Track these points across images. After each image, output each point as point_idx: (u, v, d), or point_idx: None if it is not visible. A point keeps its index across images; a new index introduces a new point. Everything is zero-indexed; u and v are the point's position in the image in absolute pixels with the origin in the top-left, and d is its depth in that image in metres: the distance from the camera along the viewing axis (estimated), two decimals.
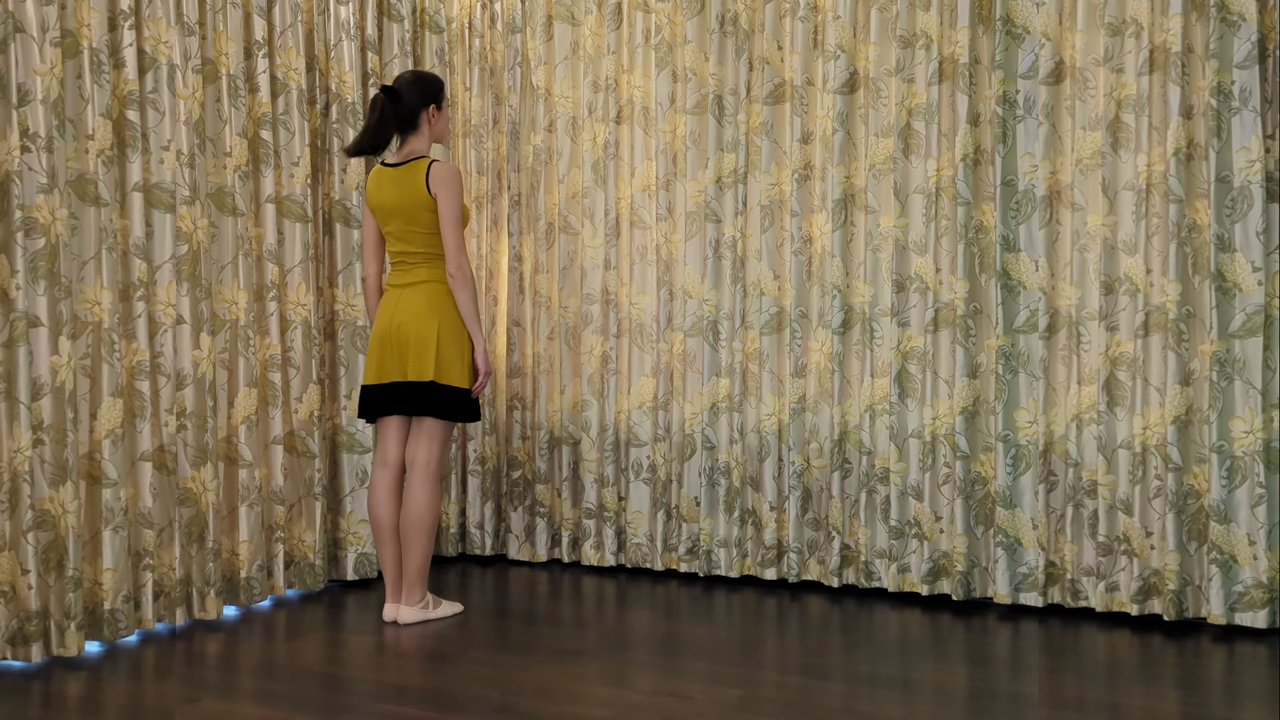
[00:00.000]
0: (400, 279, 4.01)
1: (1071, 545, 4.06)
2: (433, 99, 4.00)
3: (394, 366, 3.96)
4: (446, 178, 3.90)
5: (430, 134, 4.03)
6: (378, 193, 4.00)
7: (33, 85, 3.47)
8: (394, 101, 3.93)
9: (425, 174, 3.90)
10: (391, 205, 3.96)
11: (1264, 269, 3.78)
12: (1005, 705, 3.14)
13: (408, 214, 3.93)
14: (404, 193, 3.93)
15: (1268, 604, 3.77)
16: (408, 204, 3.92)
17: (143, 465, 3.80)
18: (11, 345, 3.46)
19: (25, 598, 3.47)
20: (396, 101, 3.93)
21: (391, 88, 3.95)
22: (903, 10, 4.23)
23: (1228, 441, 3.81)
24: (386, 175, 3.99)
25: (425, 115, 3.99)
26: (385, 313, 3.99)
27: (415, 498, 3.97)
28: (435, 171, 3.90)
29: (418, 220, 3.93)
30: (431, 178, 3.90)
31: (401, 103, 3.94)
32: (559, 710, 3.12)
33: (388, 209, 3.98)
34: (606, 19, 4.72)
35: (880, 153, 4.31)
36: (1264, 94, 3.78)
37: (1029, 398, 4.10)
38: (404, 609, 4.01)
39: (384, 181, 3.99)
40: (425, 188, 3.90)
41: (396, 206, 3.95)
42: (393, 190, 3.95)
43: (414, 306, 3.93)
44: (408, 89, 3.97)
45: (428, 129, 4.01)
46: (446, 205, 3.89)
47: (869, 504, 4.34)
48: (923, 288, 4.24)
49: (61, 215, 3.55)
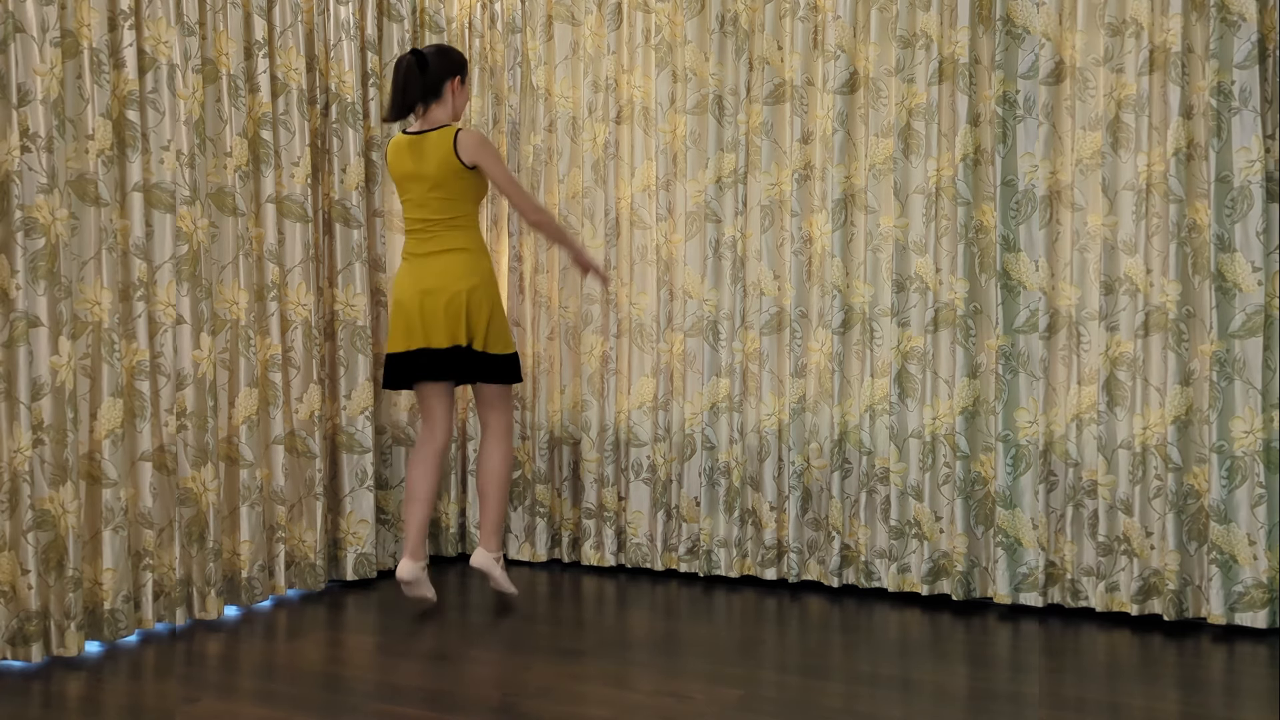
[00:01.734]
0: (421, 247, 4.04)
1: (1071, 545, 4.06)
2: (458, 71, 4.05)
3: (432, 333, 3.99)
4: (480, 143, 3.96)
5: (453, 106, 4.06)
6: (400, 161, 4.04)
7: (33, 85, 3.47)
8: (421, 68, 3.97)
9: (453, 141, 3.94)
10: (414, 172, 3.99)
11: (1264, 269, 3.78)
12: (1005, 705, 3.14)
13: (434, 180, 3.97)
14: (429, 159, 3.96)
15: (1268, 604, 3.77)
16: (433, 171, 3.96)
17: (143, 465, 3.80)
18: (11, 345, 3.46)
19: (25, 598, 3.47)
20: (423, 68, 3.97)
21: (419, 51, 3.98)
22: (903, 10, 4.23)
23: (1228, 441, 3.81)
24: (409, 143, 4.02)
25: (450, 86, 4.03)
26: (408, 280, 4.03)
27: (494, 456, 4.14)
28: (466, 140, 3.95)
29: (444, 186, 3.97)
30: (462, 146, 3.94)
31: (428, 70, 3.98)
32: (559, 710, 3.12)
33: (409, 175, 4.01)
34: (606, 19, 4.72)
35: (880, 153, 4.31)
36: (1264, 94, 3.78)
37: (1029, 398, 4.10)
38: (480, 553, 4.15)
39: (407, 149, 4.02)
40: (455, 154, 3.94)
41: (419, 173, 3.98)
42: (416, 157, 3.99)
43: (447, 273, 3.98)
44: (434, 57, 4.01)
45: (450, 101, 4.04)
46: (494, 168, 3.97)
47: (869, 504, 4.34)
48: (923, 288, 4.24)
49: (61, 215, 3.55)
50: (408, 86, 3.98)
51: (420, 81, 3.98)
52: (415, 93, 3.99)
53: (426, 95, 4.02)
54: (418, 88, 3.99)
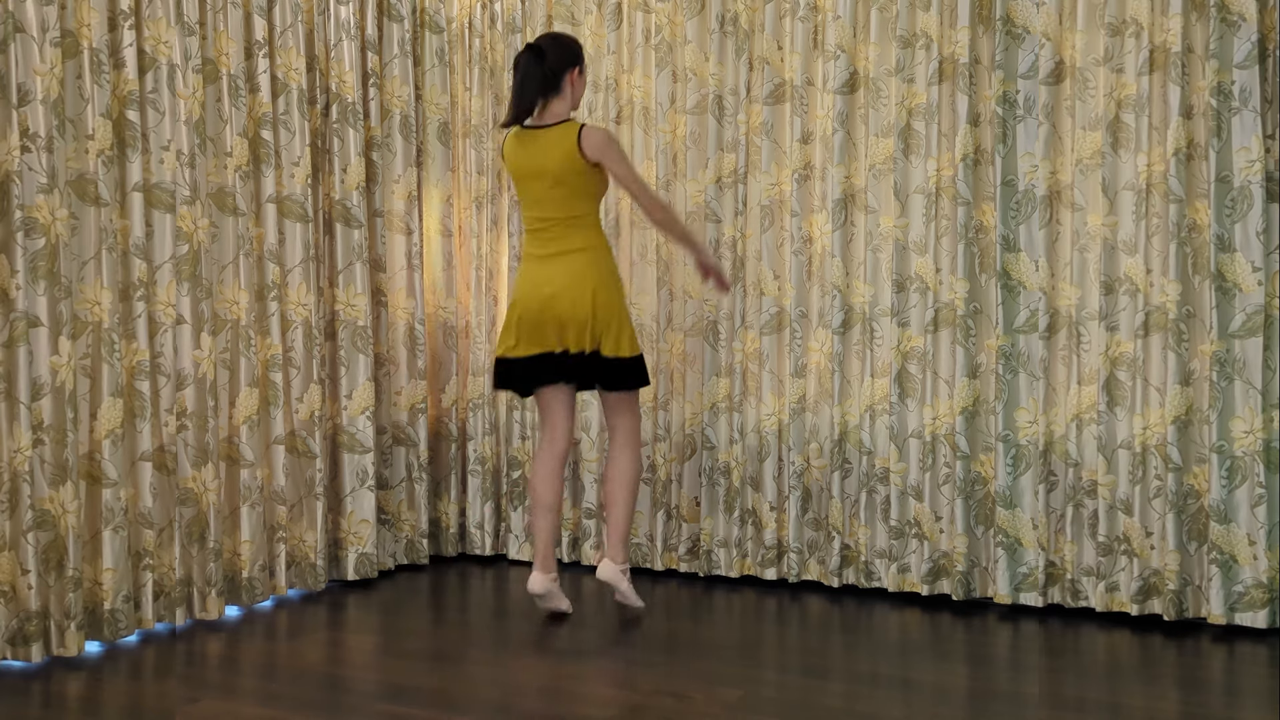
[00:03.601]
0: (542, 248, 3.92)
1: (1071, 545, 4.06)
2: (577, 61, 3.90)
3: (557, 336, 3.87)
4: (606, 141, 3.82)
5: (572, 98, 3.90)
6: (518, 157, 3.90)
7: (33, 85, 3.47)
8: (538, 61, 3.81)
9: (577, 137, 3.81)
10: (534, 168, 3.86)
11: (1264, 269, 3.78)
12: (1005, 705, 3.15)
13: (555, 177, 3.83)
14: (550, 156, 3.83)
15: (1268, 604, 3.77)
16: (555, 167, 3.82)
17: (143, 465, 3.80)
18: (11, 345, 3.46)
19: (25, 598, 3.47)
20: (540, 61, 3.82)
21: (536, 46, 3.83)
22: (903, 10, 4.23)
23: (1228, 441, 3.81)
24: (528, 138, 3.88)
25: (569, 77, 3.87)
26: (529, 282, 3.91)
27: (622, 461, 4.01)
28: (589, 135, 3.81)
29: (565, 183, 3.83)
30: (586, 143, 3.80)
31: (545, 62, 3.83)
32: (559, 710, 3.12)
33: (529, 172, 3.87)
34: (606, 19, 4.72)
35: (880, 153, 4.31)
36: (1264, 94, 3.78)
37: (1029, 398, 4.10)
38: (606, 565, 4.01)
39: (526, 144, 3.88)
40: (578, 151, 3.80)
41: (540, 170, 3.85)
42: (536, 153, 3.85)
43: (571, 275, 3.85)
44: (551, 49, 3.84)
45: (570, 92, 3.89)
46: (618, 165, 3.83)
47: (869, 504, 4.34)
48: (923, 288, 4.24)
49: (61, 215, 3.55)
50: (526, 85, 3.82)
51: (539, 76, 3.82)
52: (534, 90, 3.83)
53: (546, 90, 3.86)
54: (537, 84, 3.83)
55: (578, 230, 3.88)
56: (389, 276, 4.73)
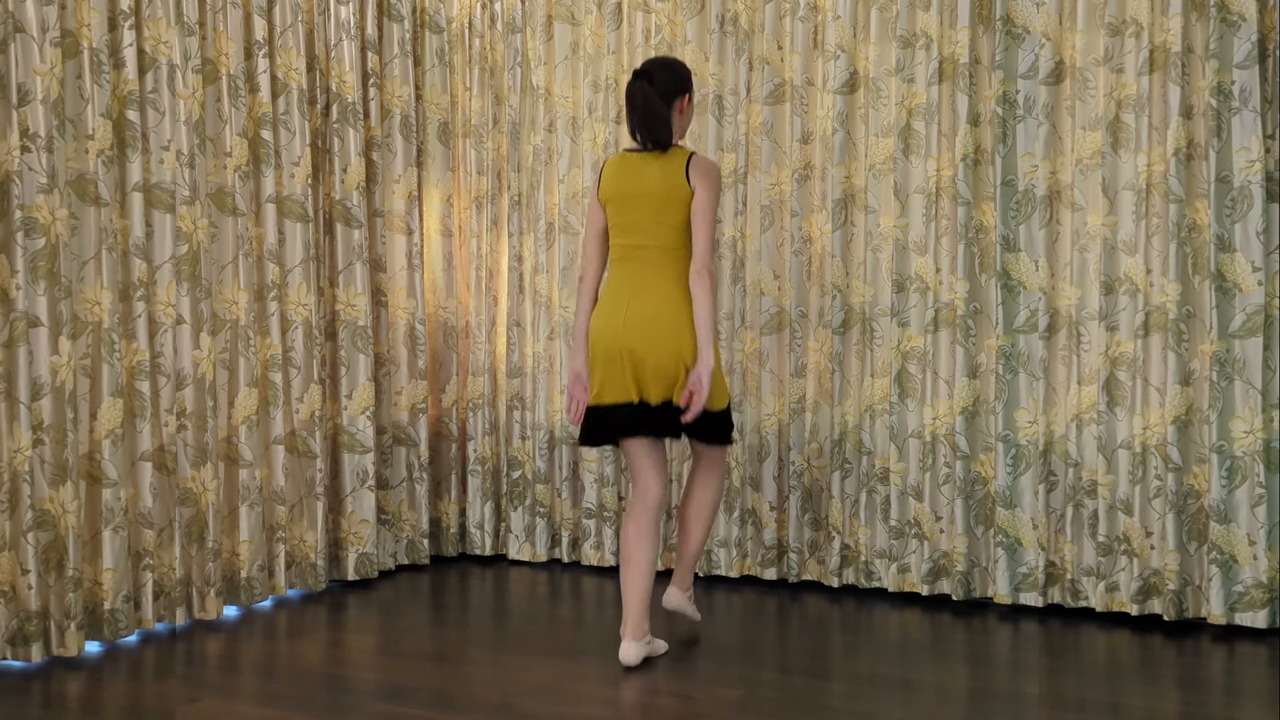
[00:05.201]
0: (631, 280, 3.61)
1: (1071, 545, 4.06)
2: (687, 87, 3.68)
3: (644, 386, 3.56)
4: (710, 170, 3.60)
5: (679, 124, 3.69)
6: (620, 179, 3.66)
7: (33, 85, 3.47)
8: (651, 86, 3.60)
9: (686, 164, 3.60)
10: (636, 193, 3.61)
11: (1264, 269, 3.78)
12: (1005, 705, 3.14)
13: (657, 204, 3.59)
14: (655, 181, 3.59)
15: (1268, 604, 3.77)
16: (659, 193, 3.58)
17: (143, 465, 3.80)
18: (11, 345, 3.46)
19: (25, 598, 3.47)
20: (652, 85, 3.60)
21: (645, 72, 3.63)
22: (903, 10, 4.23)
23: (1228, 441, 3.81)
24: (633, 161, 3.65)
25: (679, 104, 3.67)
26: (615, 320, 3.59)
27: (707, 494, 3.74)
28: (699, 163, 3.60)
29: (666, 211, 3.59)
30: (694, 169, 3.59)
31: (655, 86, 3.61)
32: (559, 710, 3.12)
33: (631, 197, 3.62)
34: (606, 19, 4.72)
35: (880, 153, 4.31)
36: (1264, 94, 3.78)
37: (1029, 398, 4.10)
38: (674, 593, 3.83)
39: (629, 168, 3.65)
40: (685, 178, 3.58)
41: (643, 194, 3.60)
42: (640, 178, 3.61)
43: (663, 318, 3.54)
44: (661, 74, 3.64)
45: (678, 118, 3.68)
46: (706, 198, 3.56)
47: (869, 504, 4.34)
48: (923, 288, 4.24)
49: (61, 215, 3.55)
50: (649, 112, 3.58)
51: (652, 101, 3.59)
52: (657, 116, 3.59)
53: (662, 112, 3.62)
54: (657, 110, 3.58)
55: (670, 263, 3.60)
56: (389, 276, 4.73)
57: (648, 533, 3.59)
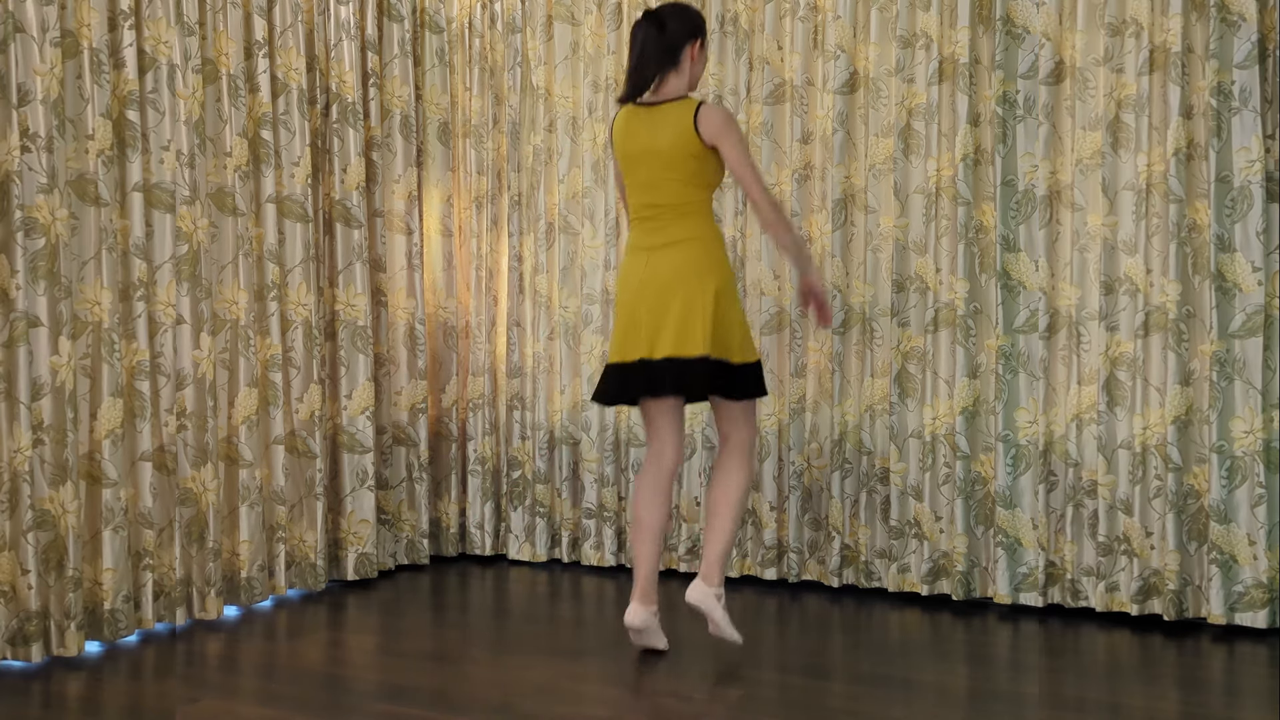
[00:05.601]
0: (649, 239, 3.53)
1: (1071, 545, 4.06)
2: (699, 33, 3.55)
3: (665, 341, 3.46)
4: (723, 121, 3.44)
5: (690, 74, 3.55)
6: (628, 136, 3.55)
7: (33, 85, 3.47)
8: (659, 31, 3.49)
9: (694, 116, 3.46)
10: (644, 150, 3.51)
11: (1264, 269, 3.78)
12: (1005, 705, 3.14)
13: (666, 160, 3.48)
14: (662, 136, 3.48)
15: (1268, 604, 3.77)
16: (667, 149, 3.47)
17: (143, 465, 3.80)
18: (11, 345, 3.46)
19: (25, 598, 3.47)
20: (660, 31, 3.49)
21: (656, 14, 3.52)
22: (903, 10, 4.23)
23: (1228, 441, 3.81)
24: (640, 115, 3.53)
25: (689, 51, 3.53)
26: (634, 277, 3.53)
27: (732, 475, 3.57)
28: (707, 114, 3.45)
29: (677, 167, 3.47)
30: (703, 121, 3.44)
31: (665, 32, 3.49)
32: (559, 710, 3.12)
33: (638, 154, 3.53)
34: (606, 19, 4.72)
35: (880, 153, 4.31)
36: (1264, 94, 3.78)
37: (1029, 398, 4.10)
38: (698, 586, 3.52)
39: (637, 122, 3.53)
40: (694, 131, 3.45)
41: (651, 151, 3.50)
42: (648, 133, 3.51)
43: (684, 270, 3.46)
44: (673, 19, 3.52)
45: (688, 67, 3.54)
46: (734, 151, 3.44)
47: (869, 504, 4.34)
48: (923, 288, 4.24)
49: (61, 215, 3.55)
50: (644, 56, 3.48)
51: (657, 47, 3.48)
52: (651, 62, 3.48)
53: (664, 62, 3.51)
54: (653, 56, 3.49)
55: (689, 219, 3.50)
56: (389, 276, 4.73)
57: (660, 494, 3.54)
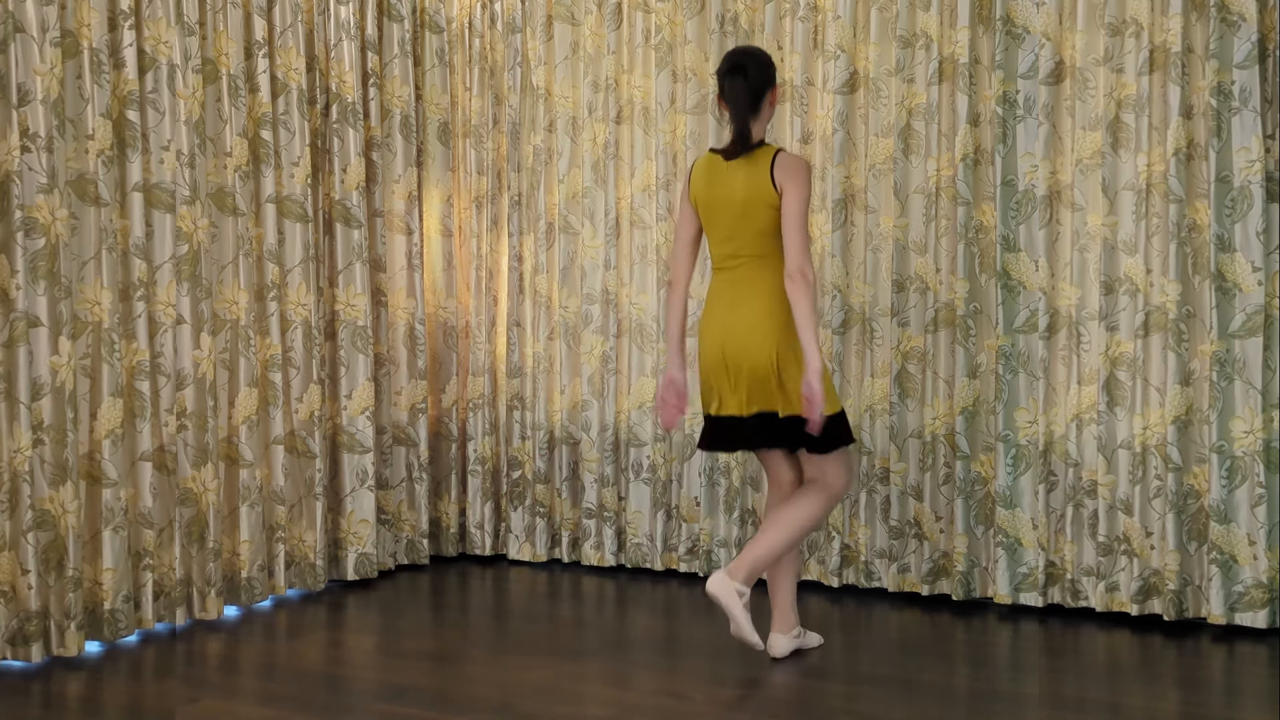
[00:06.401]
0: (728, 291, 3.50)
1: (1071, 545, 4.06)
2: (774, 80, 3.51)
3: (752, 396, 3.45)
4: (798, 169, 3.40)
5: (765, 120, 3.51)
6: (710, 184, 3.49)
7: (33, 85, 3.47)
8: (744, 79, 3.42)
9: (770, 164, 3.41)
10: (724, 200, 3.46)
11: (1264, 269, 3.78)
12: (1005, 705, 3.15)
13: (745, 209, 3.43)
14: (740, 185, 3.43)
15: (1268, 604, 3.77)
16: (747, 198, 3.42)
17: (143, 465, 3.80)
18: (11, 345, 3.46)
19: (25, 598, 3.47)
20: (745, 79, 3.42)
21: (740, 66, 3.45)
22: (903, 10, 4.23)
23: (1228, 441, 3.81)
24: (721, 165, 3.48)
25: (769, 98, 3.49)
26: (717, 328, 3.49)
27: (805, 499, 3.51)
28: (784, 162, 3.41)
29: (753, 217, 3.43)
30: (779, 168, 3.40)
31: (748, 80, 3.43)
32: (559, 710, 3.12)
33: (720, 203, 3.47)
34: (606, 19, 4.72)
35: (880, 153, 4.31)
36: (1264, 94, 3.78)
37: (1029, 398, 4.10)
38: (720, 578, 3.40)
39: (719, 171, 3.48)
40: (770, 180, 3.40)
41: (729, 201, 3.45)
42: (729, 182, 3.45)
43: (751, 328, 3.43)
44: (753, 66, 3.45)
45: (766, 114, 3.49)
46: (795, 200, 3.37)
47: (869, 504, 4.34)
48: (923, 288, 4.24)
49: (61, 215, 3.55)
50: (738, 108, 3.42)
51: (746, 98, 3.42)
52: (745, 113, 3.41)
53: (751, 112, 3.44)
54: (745, 107, 3.42)
55: (765, 271, 3.45)
56: (389, 276, 4.73)
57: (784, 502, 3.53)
